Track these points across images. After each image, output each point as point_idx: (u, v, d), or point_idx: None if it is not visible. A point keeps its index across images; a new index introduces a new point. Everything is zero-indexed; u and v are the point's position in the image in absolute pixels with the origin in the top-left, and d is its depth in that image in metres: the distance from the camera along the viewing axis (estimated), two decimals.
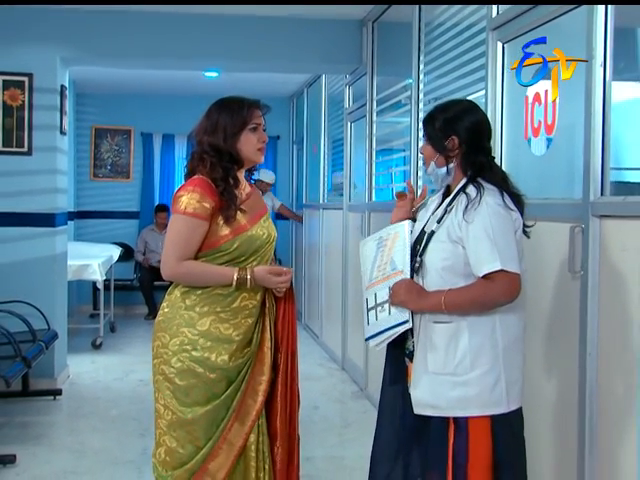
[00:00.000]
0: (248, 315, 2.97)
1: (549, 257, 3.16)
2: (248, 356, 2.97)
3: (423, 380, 2.62)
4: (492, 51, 3.75)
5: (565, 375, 3.05)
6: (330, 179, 8.26)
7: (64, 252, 6.47)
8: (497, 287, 2.50)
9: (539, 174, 3.46)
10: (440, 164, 2.70)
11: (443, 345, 2.59)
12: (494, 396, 2.57)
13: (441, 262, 2.60)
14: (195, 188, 2.88)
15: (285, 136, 10.62)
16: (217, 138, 2.92)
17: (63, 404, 5.89)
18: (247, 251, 2.94)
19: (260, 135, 2.98)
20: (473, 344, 2.56)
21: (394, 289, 2.63)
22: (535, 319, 3.26)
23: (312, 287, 8.74)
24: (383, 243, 2.74)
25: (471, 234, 2.53)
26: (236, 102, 2.98)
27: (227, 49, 6.35)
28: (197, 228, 2.87)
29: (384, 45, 6.04)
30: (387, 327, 2.67)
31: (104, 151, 10.28)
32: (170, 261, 2.90)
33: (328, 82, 8.09)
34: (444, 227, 2.61)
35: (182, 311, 2.93)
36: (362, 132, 6.49)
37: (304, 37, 6.37)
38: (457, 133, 2.65)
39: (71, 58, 6.25)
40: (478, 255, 2.51)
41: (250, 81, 8.74)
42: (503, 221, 2.54)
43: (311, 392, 6.33)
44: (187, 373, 2.90)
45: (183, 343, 2.90)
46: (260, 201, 3.13)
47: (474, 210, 2.53)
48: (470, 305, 2.56)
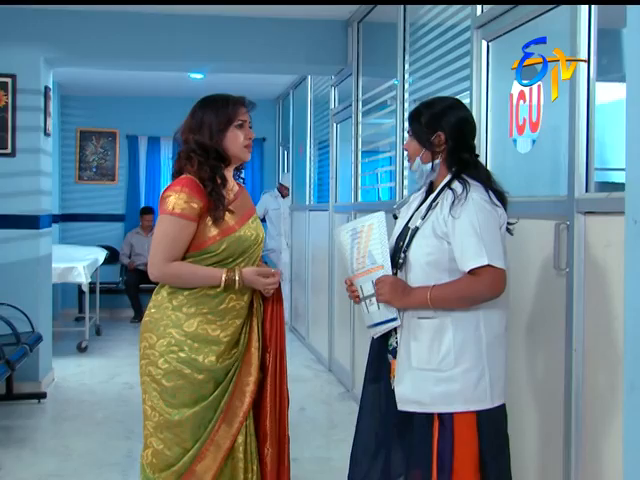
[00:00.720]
0: (236, 316, 2.94)
1: (534, 254, 3.15)
2: (236, 357, 2.94)
3: (407, 376, 2.61)
4: (477, 49, 3.75)
5: (551, 371, 3.04)
6: (317, 180, 8.25)
7: (48, 254, 6.43)
8: (483, 282, 2.50)
9: (524, 172, 3.46)
10: (425, 160, 2.69)
11: (427, 341, 2.58)
12: (478, 392, 2.56)
13: (425, 257, 2.59)
14: (183, 188, 2.85)
15: (271, 138, 10.60)
16: (203, 136, 2.89)
17: (48, 407, 5.84)
18: (235, 252, 2.91)
19: (247, 132, 2.96)
20: (457, 340, 2.55)
21: (378, 287, 2.61)
22: (521, 316, 3.26)
23: (299, 289, 8.72)
24: (357, 235, 2.70)
25: (457, 229, 2.52)
26: (221, 99, 2.96)
27: (212, 50, 6.33)
28: (185, 229, 2.84)
29: (369, 46, 6.04)
30: (378, 322, 2.66)
31: (89, 153, 10.24)
32: (157, 262, 2.87)
33: (314, 83, 8.07)
34: (429, 222, 2.60)
35: (169, 312, 2.89)
36: (348, 133, 6.48)
37: (289, 38, 6.35)
38: (443, 129, 2.65)
39: (55, 59, 6.21)
40: (464, 250, 2.51)
41: (236, 83, 8.68)
42: (489, 217, 2.54)
43: (298, 394, 6.27)
44: (174, 374, 2.87)
45: (170, 344, 2.87)
46: (248, 201, 3.10)
47: (460, 206, 2.53)
48: (456, 300, 2.55)
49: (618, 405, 2.59)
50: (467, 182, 2.58)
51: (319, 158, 8.14)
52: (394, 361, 2.68)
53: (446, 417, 2.57)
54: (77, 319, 9.35)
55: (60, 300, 9.36)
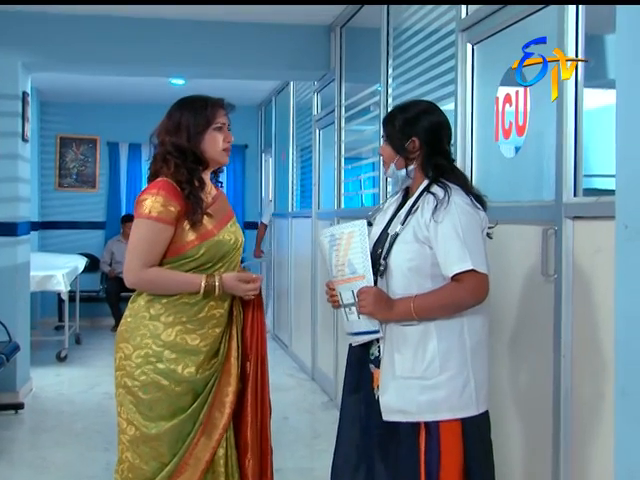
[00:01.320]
0: (215, 325, 2.86)
1: (521, 260, 3.10)
2: (215, 367, 2.85)
3: (391, 385, 2.55)
4: (462, 53, 3.70)
5: (538, 379, 2.98)
6: (299, 187, 8.19)
7: (26, 262, 6.32)
8: (466, 288, 2.46)
9: (510, 176, 3.40)
10: (400, 166, 2.65)
11: (411, 348, 2.52)
12: (464, 399, 2.51)
13: (407, 263, 2.54)
14: (159, 191, 2.76)
15: (253, 144, 10.53)
16: (180, 138, 2.81)
17: (25, 418, 5.73)
18: (214, 257, 2.83)
19: (226, 135, 2.89)
20: (442, 347, 2.50)
21: (361, 299, 2.54)
22: (507, 323, 3.21)
23: (281, 296, 8.64)
24: (336, 242, 2.62)
25: (440, 234, 2.47)
26: (199, 100, 2.89)
27: (193, 55, 6.25)
28: (162, 233, 2.75)
29: (352, 51, 5.98)
30: (359, 331, 2.61)
31: (69, 160, 10.12)
32: (134, 268, 2.78)
33: (296, 89, 8.02)
34: (409, 228, 2.55)
35: (146, 321, 2.80)
36: (331, 139, 6.42)
37: (271, 43, 6.28)
38: (418, 134, 2.61)
39: (33, 64, 6.12)
40: (448, 255, 2.46)
41: (217, 89, 8.51)
42: (472, 220, 2.50)
43: (280, 403, 6.21)
44: (151, 386, 2.78)
45: (148, 355, 2.78)
46: (226, 205, 3.03)
47: (443, 209, 2.48)
48: (440, 309, 2.50)
49: (608, 411, 2.53)
50: (448, 186, 2.53)
51: (302, 164, 8.08)
52: (377, 371, 2.62)
53: (432, 426, 2.51)
54: (57, 328, 9.22)
55: (39, 309, 9.22)
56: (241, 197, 10.53)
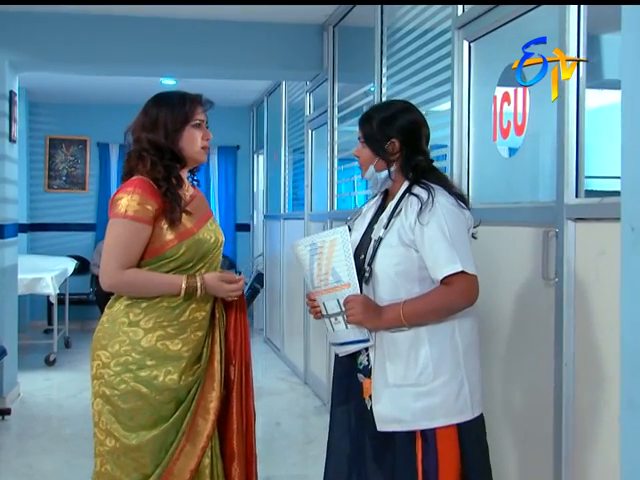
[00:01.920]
0: (197, 328, 2.76)
1: (520, 264, 3.01)
2: (198, 373, 2.75)
3: (384, 394, 2.47)
4: (458, 51, 3.61)
5: (539, 387, 2.89)
6: (291, 189, 8.10)
7: (14, 265, 6.21)
8: (457, 291, 2.39)
9: (508, 177, 3.32)
10: (379, 168, 2.56)
11: (403, 355, 2.45)
12: (459, 403, 2.45)
13: (393, 267, 2.46)
14: (135, 189, 2.66)
15: (245, 146, 10.43)
16: (157, 135, 2.71)
17: (12, 424, 5.61)
18: (194, 257, 2.73)
19: (204, 132, 2.80)
20: (434, 351, 2.43)
21: (348, 307, 2.45)
22: (506, 329, 3.12)
23: (273, 299, 8.54)
24: (317, 251, 2.52)
25: (427, 236, 2.40)
26: (177, 96, 2.79)
27: (184, 54, 6.15)
28: (139, 233, 2.65)
29: (345, 50, 5.90)
30: (347, 341, 2.52)
31: (59, 162, 10.00)
32: (110, 269, 2.66)
33: (288, 90, 7.93)
34: (394, 231, 2.47)
35: (125, 327, 2.69)
36: (323, 140, 6.33)
37: (263, 42, 6.19)
38: (397, 135, 2.53)
39: (21, 63, 6.02)
40: (436, 257, 2.39)
41: (209, 89, 8.38)
42: (458, 220, 2.44)
43: (272, 408, 6.15)
44: (131, 395, 2.67)
45: (127, 363, 2.67)
46: (205, 203, 2.93)
47: (428, 211, 2.40)
48: (431, 313, 2.43)
49: (612, 423, 2.45)
50: (430, 186, 2.46)
51: (294, 166, 8.00)
52: (367, 380, 2.53)
53: (428, 433, 2.44)
54: (46, 331, 9.08)
55: (28, 312, 9.13)
56: (233, 199, 10.44)
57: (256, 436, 2.94)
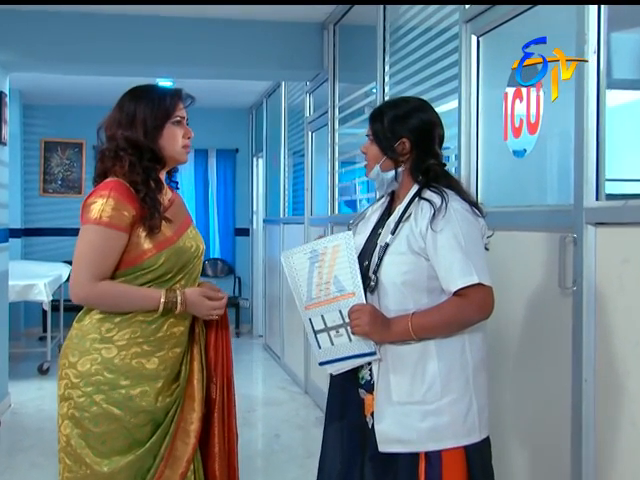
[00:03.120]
0: (175, 344, 2.54)
1: (534, 271, 2.81)
2: (177, 393, 2.53)
3: (388, 412, 2.28)
4: (466, 46, 3.42)
5: (556, 405, 2.69)
6: (291, 192, 7.91)
7: (4, 271, 6.02)
8: (472, 304, 2.22)
9: (521, 178, 3.12)
10: (385, 168, 2.38)
11: (409, 370, 2.27)
12: (468, 424, 2.27)
13: (401, 276, 2.27)
14: (111, 193, 2.43)
15: (244, 149, 10.23)
16: (135, 132, 2.48)
17: (1, 437, 5.42)
18: (174, 267, 2.51)
19: (185, 130, 2.58)
20: (443, 367, 2.26)
21: (354, 318, 2.26)
22: (518, 342, 2.93)
23: (273, 305, 8.34)
24: (318, 258, 2.32)
25: (440, 244, 2.22)
26: (155, 91, 2.57)
27: (181, 54, 5.97)
28: (114, 241, 2.42)
29: (347, 49, 5.71)
30: (349, 355, 2.32)
31: (54, 165, 9.79)
32: (81, 281, 2.43)
33: (288, 91, 7.75)
34: (402, 237, 2.29)
35: (97, 344, 2.46)
36: (324, 142, 6.15)
37: (262, 41, 5.99)
38: (408, 134, 2.35)
39: (10, 62, 5.83)
40: (450, 268, 2.21)
41: (207, 91, 8.35)
42: (473, 229, 2.27)
43: (272, 419, 5.96)
44: (103, 417, 2.44)
45: (99, 383, 2.44)
46: (184, 208, 2.71)
47: (442, 218, 2.22)
48: (442, 327, 2.26)
49: (638, 443, 2.25)
50: (443, 191, 2.28)
51: (294, 169, 7.81)
52: (369, 396, 2.35)
53: (434, 455, 2.26)
54: (41, 338, 8.90)
55: (23, 319, 8.93)
56: (232, 203, 10.24)
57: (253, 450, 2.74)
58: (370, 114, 2.46)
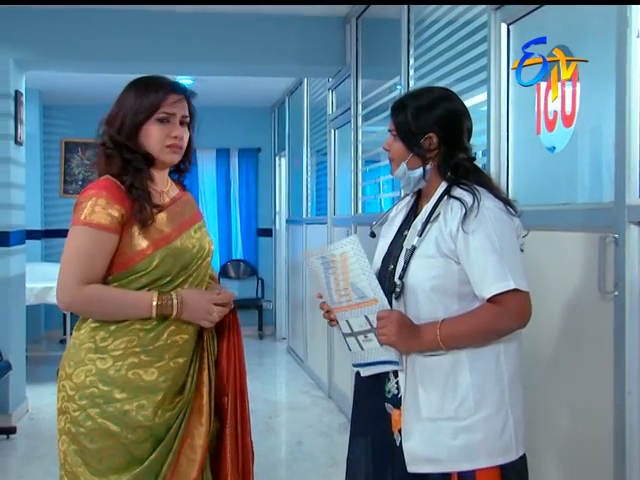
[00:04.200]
0: (178, 354, 2.35)
1: (571, 274, 2.62)
2: (181, 407, 2.35)
3: (416, 429, 2.10)
4: (495, 35, 3.23)
5: (596, 419, 2.49)
6: (315, 192, 7.75)
7: (21, 274, 5.90)
8: (509, 311, 2.04)
9: (555, 175, 2.92)
10: (413, 166, 2.19)
11: (439, 383, 2.09)
12: (503, 441, 2.09)
13: (430, 281, 2.09)
14: (100, 192, 2.27)
15: (267, 148, 10.07)
16: (114, 129, 2.33)
17: (17, 443, 5.30)
18: (172, 269, 2.33)
19: (171, 128, 2.36)
20: (476, 379, 2.08)
21: (380, 326, 2.08)
22: (556, 350, 2.73)
23: (296, 306, 8.18)
24: (330, 265, 2.13)
25: (472, 247, 2.05)
26: (149, 82, 2.38)
27: (200, 51, 5.83)
28: (103, 242, 2.25)
29: (370, 43, 5.52)
30: (378, 361, 2.16)
31: (75, 166, 9.68)
32: (67, 285, 2.26)
33: (310, 88, 7.58)
34: (430, 240, 2.11)
35: (91, 354, 2.29)
36: (347, 140, 5.96)
37: (282, 37, 5.84)
38: (435, 128, 2.16)
39: (27, 61, 5.70)
40: (483, 272, 2.04)
41: (228, 89, 8.24)
42: (508, 229, 2.09)
43: (294, 425, 5.80)
44: (99, 433, 2.26)
45: (94, 395, 2.26)
46: (191, 207, 2.52)
47: (474, 217, 2.04)
48: (475, 337, 2.08)
49: None
50: (475, 189, 2.10)
51: (317, 168, 7.64)
52: (396, 412, 2.16)
53: (467, 475, 2.08)
54: (62, 341, 8.80)
55: (43, 321, 8.82)
56: (254, 203, 10.09)
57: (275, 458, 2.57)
58: (392, 107, 2.25)
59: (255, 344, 9.11)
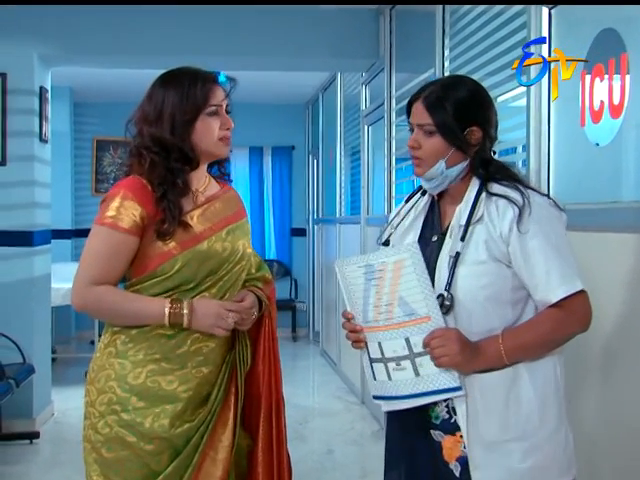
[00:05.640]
0: (202, 363, 2.21)
1: (623, 280, 2.38)
2: (201, 419, 2.20)
3: (483, 457, 1.89)
4: (535, 20, 2.99)
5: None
6: (349, 190, 7.54)
7: (46, 274, 5.77)
8: (575, 314, 1.89)
9: (603, 170, 2.68)
10: (454, 162, 1.97)
11: (501, 401, 1.90)
12: (567, 457, 1.94)
13: (482, 291, 1.89)
14: (125, 192, 2.15)
15: (301, 146, 9.89)
16: (162, 129, 2.17)
17: (40, 449, 5.16)
18: (196, 274, 2.18)
19: (223, 120, 2.22)
20: (538, 393, 1.91)
21: (437, 346, 1.84)
22: (606, 361, 2.49)
23: (329, 308, 7.98)
24: (376, 274, 1.90)
25: (531, 248, 1.87)
26: (188, 76, 2.22)
27: (230, 44, 5.65)
28: (122, 244, 2.14)
29: (404, 35, 5.30)
30: (416, 393, 1.90)
31: (106, 164, 9.57)
32: (79, 286, 2.17)
33: (344, 83, 7.38)
34: (478, 243, 1.90)
35: (112, 358, 2.18)
36: (381, 136, 5.75)
37: (314, 29, 5.65)
38: (478, 121, 1.97)
39: (52, 56, 5.56)
40: (547, 275, 1.86)
41: (261, 86, 8.05)
42: (561, 226, 1.94)
43: (325, 432, 5.58)
44: (116, 442, 2.15)
45: (111, 402, 2.15)
46: (234, 204, 2.36)
47: (528, 216, 1.86)
48: (539, 347, 1.91)
49: None
50: (518, 185, 1.92)
51: (352, 165, 7.44)
52: (449, 438, 1.94)
53: None
54: (92, 342, 8.67)
55: (74, 322, 8.71)
56: (288, 202, 9.91)
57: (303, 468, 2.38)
58: (425, 100, 1.98)
59: (288, 346, 8.92)
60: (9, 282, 5.36)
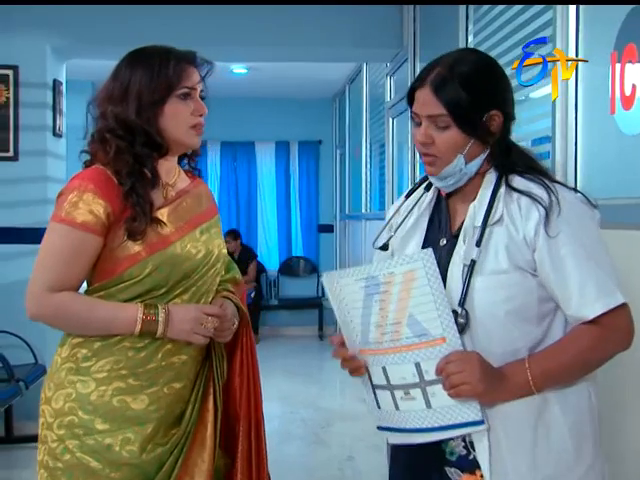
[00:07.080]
0: (174, 378, 1.99)
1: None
2: (176, 440, 1.99)
3: None
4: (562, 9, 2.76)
5: None
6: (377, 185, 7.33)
7: None
8: (616, 332, 1.63)
9: (634, 161, 2.45)
10: (474, 155, 1.69)
11: (528, 435, 1.63)
12: None
13: (503, 305, 1.62)
14: (85, 184, 1.91)
15: (328, 140, 9.70)
16: (127, 109, 1.94)
17: None
18: (168, 279, 1.95)
19: (197, 106, 2.00)
20: (570, 423, 1.64)
21: (452, 372, 1.57)
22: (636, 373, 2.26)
23: None
24: (380, 288, 1.61)
25: (562, 254, 1.60)
26: (159, 53, 2.01)
27: (252, 34, 5.43)
28: (83, 244, 1.91)
29: (428, 23, 5.07)
30: (430, 428, 1.64)
31: None
32: (34, 291, 1.94)
33: (370, 75, 7.17)
34: (498, 249, 1.63)
35: (72, 375, 1.95)
36: (406, 129, 5.53)
37: (337, 18, 5.41)
38: (499, 105, 1.68)
39: (65, 48, 5.40)
40: (582, 287, 1.59)
41: (286, 79, 7.88)
42: (595, 226, 1.66)
43: (346, 437, 5.38)
44: (78, 469, 1.91)
45: (72, 425, 1.92)
46: (204, 200, 2.14)
47: (557, 216, 1.59)
48: (575, 372, 1.65)
49: None
50: (543, 179, 1.66)
51: (379, 160, 7.22)
52: (469, 478, 1.67)
53: None
54: None
55: None
56: (315, 198, 9.74)
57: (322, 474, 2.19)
58: (433, 84, 1.67)
59: (314, 345, 8.74)
60: (21, 280, 5.16)
